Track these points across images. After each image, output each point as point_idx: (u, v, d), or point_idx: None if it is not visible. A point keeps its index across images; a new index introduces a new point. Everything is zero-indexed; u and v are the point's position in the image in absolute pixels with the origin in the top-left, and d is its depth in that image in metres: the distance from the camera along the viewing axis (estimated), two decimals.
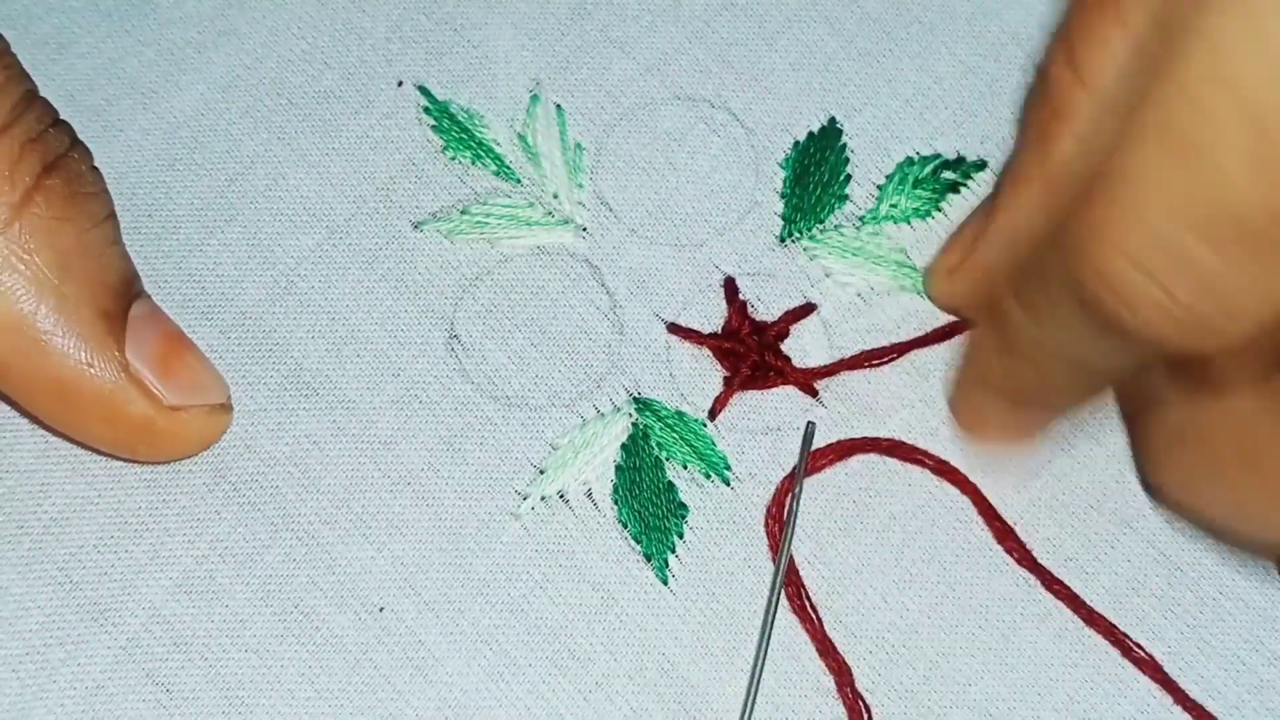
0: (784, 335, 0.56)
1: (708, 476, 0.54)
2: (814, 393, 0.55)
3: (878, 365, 0.55)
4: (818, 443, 0.54)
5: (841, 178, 0.58)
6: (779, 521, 0.53)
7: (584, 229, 0.57)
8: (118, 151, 0.56)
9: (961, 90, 0.59)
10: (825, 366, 0.55)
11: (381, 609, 0.52)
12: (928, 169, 0.58)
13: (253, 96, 0.58)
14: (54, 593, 0.52)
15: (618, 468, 0.54)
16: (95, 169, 0.51)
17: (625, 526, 0.53)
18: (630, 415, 0.54)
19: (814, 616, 0.52)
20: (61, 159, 0.50)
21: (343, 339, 0.55)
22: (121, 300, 0.51)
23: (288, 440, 0.54)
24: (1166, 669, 0.53)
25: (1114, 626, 0.53)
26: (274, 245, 0.56)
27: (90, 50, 0.58)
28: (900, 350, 0.56)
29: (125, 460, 0.53)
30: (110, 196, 0.51)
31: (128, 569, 0.52)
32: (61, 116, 0.51)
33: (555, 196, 0.57)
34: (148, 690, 0.51)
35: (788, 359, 0.55)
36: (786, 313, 0.56)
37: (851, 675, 0.52)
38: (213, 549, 0.53)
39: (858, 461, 0.54)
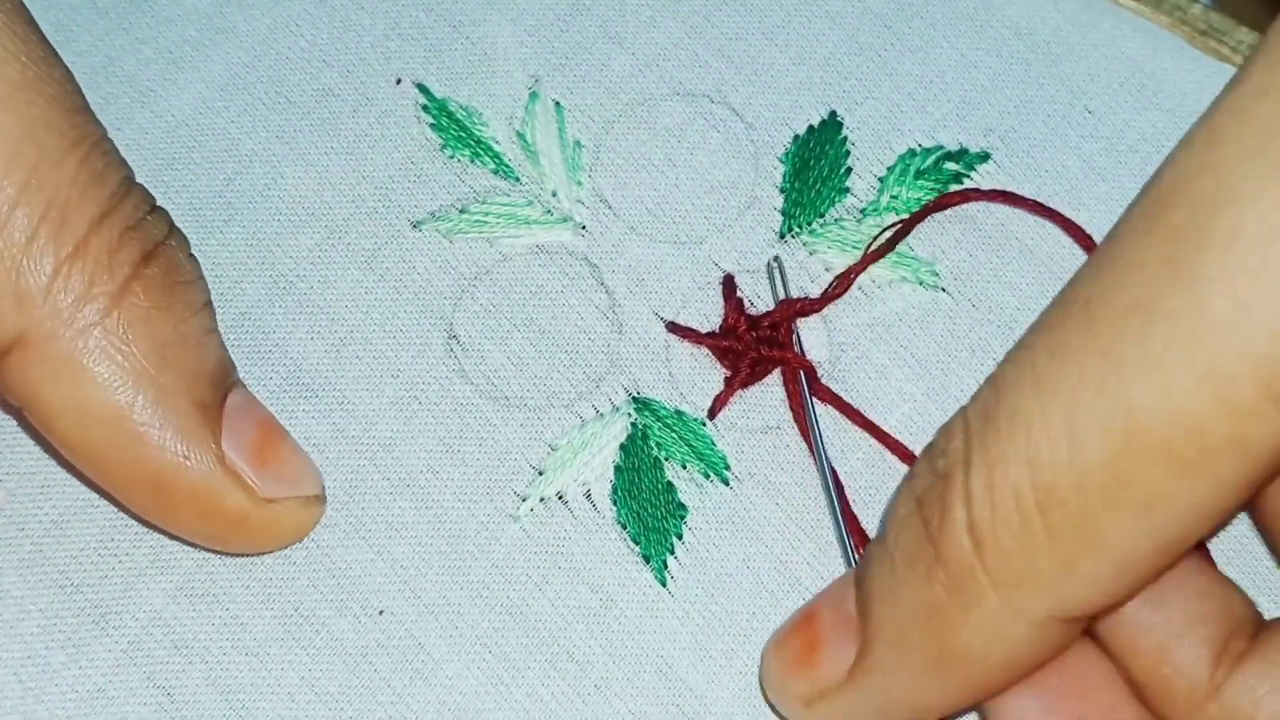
0: (779, 327, 0.55)
1: (707, 476, 0.54)
2: (816, 378, 0.55)
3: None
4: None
5: (842, 171, 0.57)
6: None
7: (583, 227, 0.56)
8: None
9: (963, 84, 0.58)
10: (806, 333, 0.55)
11: (381, 612, 0.52)
12: (930, 160, 0.57)
13: (251, 95, 0.58)
14: (55, 596, 0.52)
15: (616, 468, 0.54)
16: (192, 256, 0.51)
17: (624, 527, 0.53)
18: (629, 415, 0.54)
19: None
20: (160, 246, 0.49)
21: (342, 340, 0.55)
22: (218, 390, 0.50)
23: None
24: None
25: None
26: (272, 245, 0.56)
27: (88, 48, 0.58)
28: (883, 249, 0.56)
29: (215, 551, 0.52)
30: (206, 283, 0.51)
31: (128, 572, 0.52)
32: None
33: (554, 194, 0.57)
34: (148, 693, 0.51)
35: (782, 347, 0.55)
36: (781, 303, 0.55)
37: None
38: (212, 552, 0.53)
39: (858, 460, 0.54)
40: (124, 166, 0.50)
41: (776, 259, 0.54)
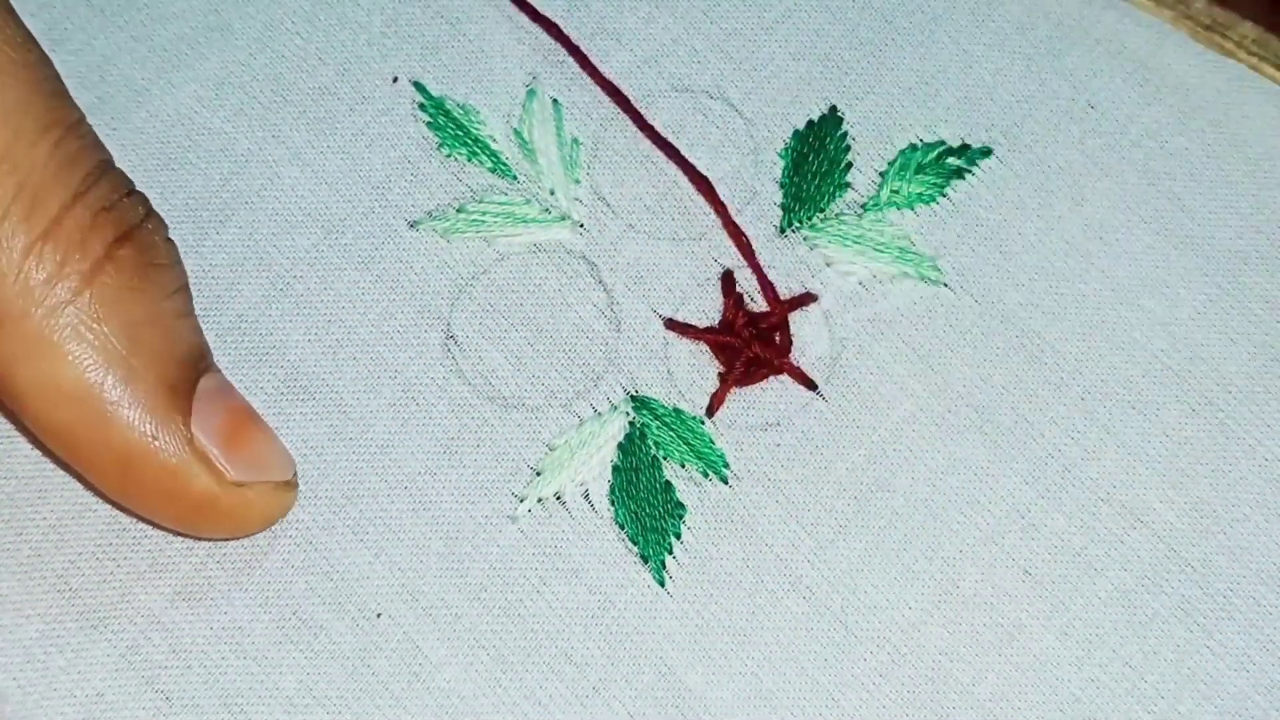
0: (779, 326, 0.55)
1: (705, 475, 0.54)
2: (812, 385, 0.55)
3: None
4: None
5: (842, 165, 0.57)
6: None
7: (581, 225, 0.56)
8: (111, 150, 0.56)
9: (965, 79, 0.58)
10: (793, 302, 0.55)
11: (379, 615, 0.52)
12: (931, 155, 0.57)
13: (247, 93, 0.57)
14: (53, 600, 0.52)
15: (614, 468, 0.53)
16: (170, 240, 0.51)
17: (622, 527, 0.53)
18: (627, 414, 0.54)
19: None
20: (135, 229, 0.49)
21: (339, 341, 0.55)
22: (190, 373, 0.50)
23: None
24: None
25: None
26: (269, 246, 0.56)
27: (82, 47, 0.58)
28: None
29: (187, 537, 0.52)
30: (184, 269, 0.51)
31: (127, 576, 0.52)
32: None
33: (552, 192, 0.56)
34: (147, 698, 0.51)
35: (779, 348, 0.54)
36: (782, 303, 0.55)
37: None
38: (210, 556, 0.52)
39: (859, 456, 0.54)
40: (101, 150, 0.50)
41: None
